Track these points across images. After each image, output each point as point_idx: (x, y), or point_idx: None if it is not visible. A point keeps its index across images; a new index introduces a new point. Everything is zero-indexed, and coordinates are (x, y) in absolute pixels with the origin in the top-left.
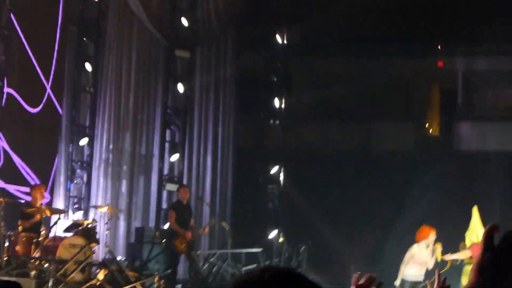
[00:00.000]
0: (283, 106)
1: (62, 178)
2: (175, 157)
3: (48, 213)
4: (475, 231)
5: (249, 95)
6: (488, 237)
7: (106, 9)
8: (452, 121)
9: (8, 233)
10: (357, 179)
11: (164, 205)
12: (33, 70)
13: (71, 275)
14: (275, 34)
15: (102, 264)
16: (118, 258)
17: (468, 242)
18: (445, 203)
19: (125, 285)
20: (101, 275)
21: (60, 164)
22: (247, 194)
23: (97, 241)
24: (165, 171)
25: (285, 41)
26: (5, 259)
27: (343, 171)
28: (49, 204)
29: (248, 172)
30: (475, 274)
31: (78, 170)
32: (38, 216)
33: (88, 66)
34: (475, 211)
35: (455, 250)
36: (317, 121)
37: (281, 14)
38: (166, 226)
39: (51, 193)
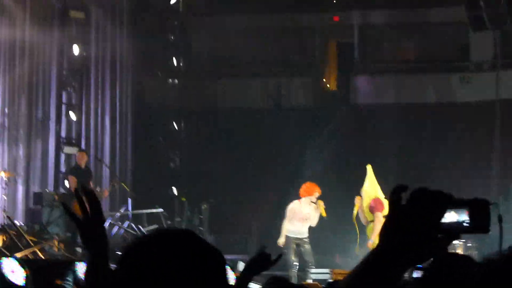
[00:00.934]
0: (181, 64)
1: None
2: (72, 118)
3: None
4: (373, 188)
5: (146, 54)
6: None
7: None
8: (350, 75)
9: None
10: (257, 135)
11: (63, 169)
12: None
13: None
14: None
15: (0, 230)
16: (17, 223)
17: (367, 198)
18: (342, 157)
19: (24, 250)
20: None
21: None
22: (148, 154)
23: None
24: (63, 134)
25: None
26: None
27: (243, 128)
28: None
29: (148, 132)
30: (383, 236)
31: None
32: None
33: None
34: (369, 169)
35: (348, 204)
36: (215, 78)
37: None
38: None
39: None
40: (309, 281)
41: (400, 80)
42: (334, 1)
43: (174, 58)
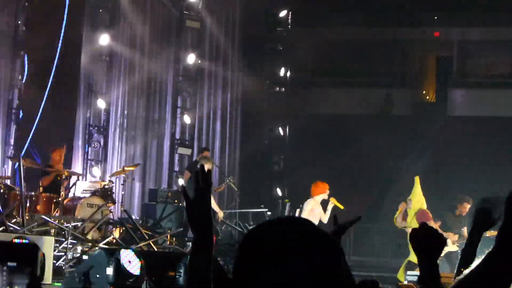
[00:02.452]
0: (288, 73)
1: (80, 142)
2: (186, 121)
3: (67, 174)
4: (419, 199)
5: (255, 63)
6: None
7: None
8: (447, 88)
9: (30, 193)
10: (357, 141)
11: (176, 168)
12: (50, 39)
13: (89, 233)
14: (280, 6)
15: (118, 223)
16: (133, 217)
17: (416, 206)
18: (438, 166)
19: (139, 243)
20: (116, 233)
21: (78, 128)
22: (254, 157)
23: (113, 201)
24: (177, 136)
25: (289, 12)
26: (26, 217)
27: (344, 134)
28: (68, 166)
29: (255, 135)
30: (501, 239)
31: (95, 135)
32: (57, 177)
33: (104, 36)
34: (417, 180)
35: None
36: (319, 86)
37: None
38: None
39: (70, 156)
40: (405, 282)
41: (495, 94)
42: (435, 18)
43: (281, 67)
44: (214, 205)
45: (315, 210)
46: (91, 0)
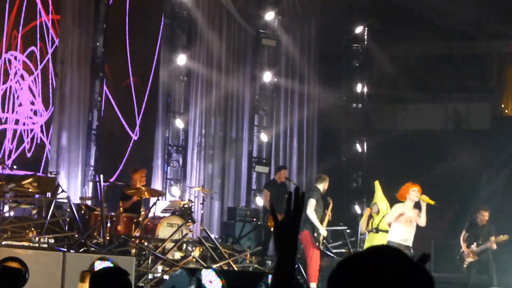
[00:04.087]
0: (365, 90)
1: (159, 162)
2: (263, 139)
3: (147, 194)
4: (385, 202)
5: (331, 79)
6: None
7: (197, 2)
8: None
9: (111, 213)
10: (436, 156)
11: (254, 186)
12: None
13: (169, 253)
14: (354, 22)
15: (198, 242)
16: (213, 236)
17: (383, 211)
18: None
19: (219, 261)
20: (196, 252)
21: (158, 148)
22: (332, 174)
23: (193, 220)
24: (254, 154)
25: (365, 29)
26: (107, 238)
27: (422, 149)
28: (148, 186)
29: (333, 152)
30: None
31: (174, 154)
32: (137, 197)
33: (182, 56)
34: (377, 185)
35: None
36: (396, 102)
37: (361, 4)
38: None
39: (150, 176)
40: None
41: None
42: None
43: (358, 83)
44: (316, 222)
45: (405, 214)
46: (168, 21)
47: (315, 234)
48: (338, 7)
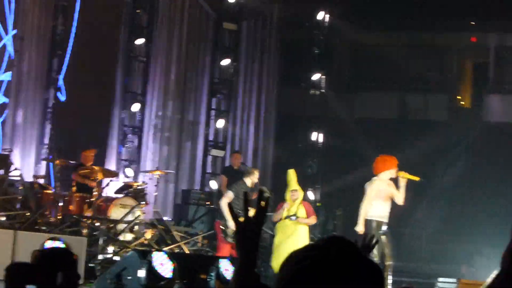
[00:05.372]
0: (323, 77)
1: (114, 142)
2: (220, 123)
3: (100, 174)
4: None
5: (291, 66)
6: None
7: None
8: (483, 94)
9: (63, 193)
10: (391, 145)
11: (209, 170)
12: (90, 39)
13: (121, 234)
14: (317, 10)
15: (150, 224)
16: (165, 218)
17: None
18: (473, 172)
19: (171, 244)
20: (148, 234)
21: (113, 128)
22: (287, 160)
23: (146, 202)
24: (210, 137)
25: (326, 15)
26: (59, 217)
27: (379, 138)
28: (102, 166)
29: (289, 139)
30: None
31: (130, 135)
32: (91, 178)
33: (141, 37)
34: (292, 172)
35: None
36: (354, 90)
37: None
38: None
39: (104, 155)
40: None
41: None
42: (473, 23)
43: (316, 71)
44: (227, 215)
45: (382, 191)
46: (129, 1)
47: (223, 228)
48: None
